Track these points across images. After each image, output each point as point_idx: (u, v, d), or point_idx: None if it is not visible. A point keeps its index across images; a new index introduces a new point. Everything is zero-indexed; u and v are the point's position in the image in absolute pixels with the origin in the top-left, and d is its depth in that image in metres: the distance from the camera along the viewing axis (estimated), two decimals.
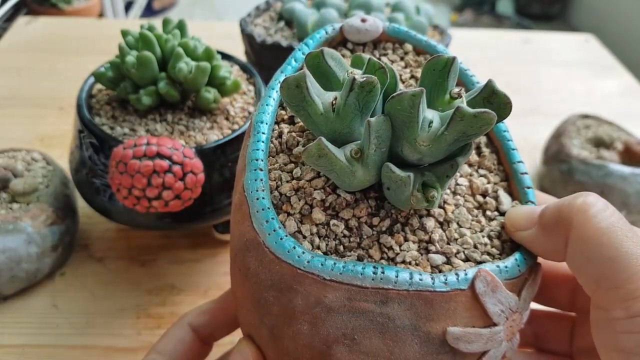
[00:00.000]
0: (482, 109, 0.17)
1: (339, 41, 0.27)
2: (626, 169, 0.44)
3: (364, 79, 0.18)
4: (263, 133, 0.22)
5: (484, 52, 0.74)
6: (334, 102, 0.19)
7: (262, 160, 0.21)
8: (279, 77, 0.24)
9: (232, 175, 0.34)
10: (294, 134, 0.23)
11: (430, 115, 0.18)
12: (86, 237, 0.41)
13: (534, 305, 0.26)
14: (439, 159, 0.19)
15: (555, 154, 0.48)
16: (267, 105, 0.23)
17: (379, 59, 0.26)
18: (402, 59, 0.27)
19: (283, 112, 0.24)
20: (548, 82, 0.68)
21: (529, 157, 0.54)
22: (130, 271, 0.39)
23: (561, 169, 0.46)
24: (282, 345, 0.20)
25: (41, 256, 0.35)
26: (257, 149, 0.22)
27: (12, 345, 0.33)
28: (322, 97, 0.19)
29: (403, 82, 0.25)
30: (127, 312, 0.36)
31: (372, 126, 0.18)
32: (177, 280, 0.38)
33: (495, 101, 0.19)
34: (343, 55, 0.26)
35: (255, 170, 0.21)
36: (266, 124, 0.23)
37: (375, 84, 0.18)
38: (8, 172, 0.37)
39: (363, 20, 0.26)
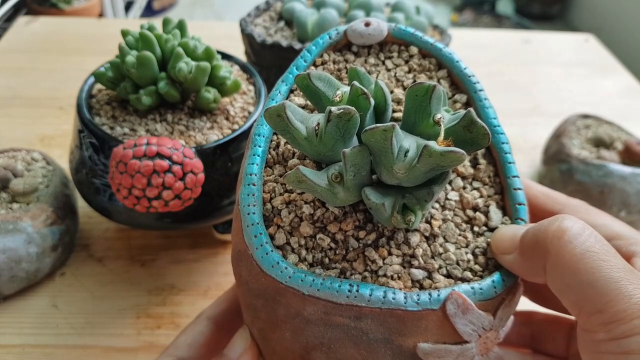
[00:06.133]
0: (450, 149, 0.17)
1: (344, 44, 0.26)
2: (626, 169, 0.44)
3: (341, 110, 0.18)
4: (259, 146, 0.23)
5: (484, 52, 0.74)
6: (316, 127, 0.19)
7: (256, 175, 0.22)
8: (280, 87, 0.24)
9: (231, 175, 0.34)
10: (289, 145, 0.23)
11: (407, 144, 0.18)
12: (86, 237, 0.41)
13: (534, 307, 0.26)
14: (420, 183, 0.20)
15: (555, 154, 0.48)
16: None
17: (384, 62, 0.26)
18: (406, 62, 0.26)
19: None
20: (548, 82, 0.68)
21: (529, 157, 0.54)
22: (130, 271, 0.39)
23: (561, 169, 0.46)
24: (269, 346, 0.22)
25: (41, 256, 0.35)
26: (252, 163, 0.22)
27: (12, 345, 0.33)
28: (306, 122, 0.20)
29: (404, 89, 0.25)
30: (126, 312, 0.36)
31: (347, 157, 0.18)
32: (177, 280, 0.38)
33: (474, 130, 0.19)
34: (346, 61, 0.26)
35: (248, 185, 0.22)
36: (263, 136, 0.23)
37: (352, 114, 0.19)
38: (8, 172, 0.37)
39: (367, 25, 0.26)
